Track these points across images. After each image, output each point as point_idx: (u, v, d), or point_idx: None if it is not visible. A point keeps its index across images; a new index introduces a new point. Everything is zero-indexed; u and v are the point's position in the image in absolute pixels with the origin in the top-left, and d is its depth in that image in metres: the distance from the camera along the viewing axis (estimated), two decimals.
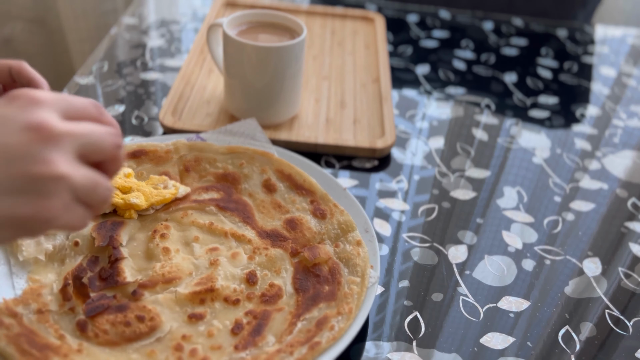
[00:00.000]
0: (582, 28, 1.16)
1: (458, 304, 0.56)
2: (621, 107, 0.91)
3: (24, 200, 0.35)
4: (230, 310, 0.50)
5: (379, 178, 0.70)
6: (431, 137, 0.79)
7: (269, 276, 0.53)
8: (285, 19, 0.74)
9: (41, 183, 0.35)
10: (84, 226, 0.39)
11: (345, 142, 0.72)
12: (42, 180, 0.35)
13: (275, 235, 0.57)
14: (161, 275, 0.51)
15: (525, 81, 0.95)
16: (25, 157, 0.35)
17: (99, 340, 0.46)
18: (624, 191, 0.73)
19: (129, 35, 0.94)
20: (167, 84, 0.83)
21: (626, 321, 0.56)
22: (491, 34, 1.08)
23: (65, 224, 0.37)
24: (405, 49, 1.00)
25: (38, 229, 0.37)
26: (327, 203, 0.60)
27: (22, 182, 0.35)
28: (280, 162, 0.63)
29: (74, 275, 0.50)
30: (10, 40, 1.35)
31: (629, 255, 0.64)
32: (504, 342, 0.53)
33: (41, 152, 0.35)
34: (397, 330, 0.53)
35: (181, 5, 1.07)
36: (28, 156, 0.35)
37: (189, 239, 0.55)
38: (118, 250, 0.52)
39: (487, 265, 0.60)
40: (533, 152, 0.78)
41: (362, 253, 0.55)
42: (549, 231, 0.65)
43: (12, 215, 0.35)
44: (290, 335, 0.48)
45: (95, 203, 0.39)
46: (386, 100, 0.81)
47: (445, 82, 0.92)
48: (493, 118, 0.84)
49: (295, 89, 0.73)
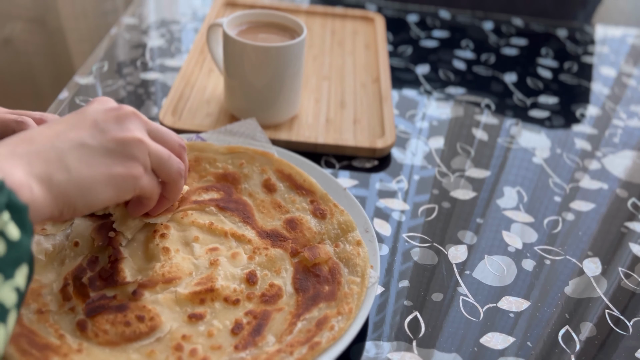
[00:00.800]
0: (582, 28, 1.16)
1: (458, 304, 0.56)
2: (621, 107, 0.91)
3: (117, 160, 0.43)
4: (230, 310, 0.50)
5: (379, 178, 0.70)
6: (431, 137, 0.79)
7: (269, 276, 0.53)
8: (285, 19, 0.74)
9: (126, 145, 0.44)
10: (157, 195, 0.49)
11: (345, 142, 0.72)
12: (126, 142, 0.44)
13: (275, 235, 0.57)
14: (161, 275, 0.51)
15: (525, 81, 0.95)
16: (113, 127, 0.44)
17: (99, 340, 0.46)
18: (624, 191, 0.73)
19: (129, 35, 0.94)
20: (167, 84, 0.83)
21: (626, 321, 0.56)
22: (491, 34, 1.08)
23: (146, 185, 0.47)
24: (405, 49, 1.00)
25: (130, 187, 0.45)
26: (327, 203, 0.60)
27: (114, 145, 0.43)
28: (280, 162, 0.63)
29: (74, 275, 0.50)
30: (10, 40, 1.34)
31: (629, 255, 0.64)
32: (504, 342, 0.53)
33: (122, 123, 0.45)
34: (397, 330, 0.53)
35: (181, 5, 1.07)
36: (115, 126, 0.44)
37: (189, 239, 0.55)
38: (118, 250, 0.52)
39: (487, 265, 0.60)
40: (533, 152, 0.78)
41: (362, 253, 0.55)
42: (549, 231, 0.65)
43: (110, 173, 0.43)
44: (290, 335, 0.48)
45: (169, 174, 0.49)
46: (386, 100, 0.81)
47: (445, 82, 0.92)
48: (493, 118, 0.84)
49: (295, 89, 0.73)
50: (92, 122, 0.44)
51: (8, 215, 0.35)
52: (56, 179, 0.39)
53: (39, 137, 0.41)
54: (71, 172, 0.40)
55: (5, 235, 0.35)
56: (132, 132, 0.45)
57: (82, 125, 0.43)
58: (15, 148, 0.39)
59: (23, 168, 0.38)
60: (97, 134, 0.43)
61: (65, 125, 0.43)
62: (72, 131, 0.42)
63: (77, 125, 0.43)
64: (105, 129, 0.44)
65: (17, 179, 0.37)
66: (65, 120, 0.44)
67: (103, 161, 0.42)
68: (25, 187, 0.37)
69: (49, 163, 0.39)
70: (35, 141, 0.40)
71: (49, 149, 0.40)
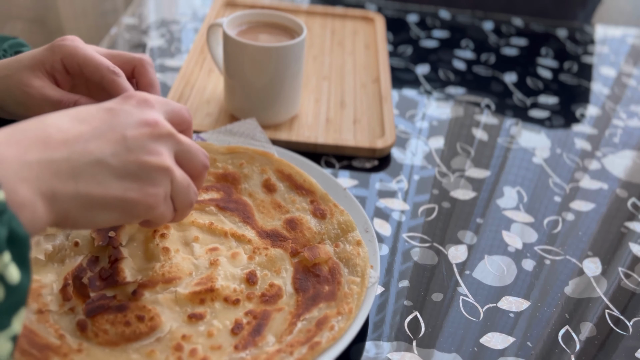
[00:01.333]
0: (582, 28, 1.16)
1: (458, 304, 0.56)
2: (621, 107, 0.91)
3: (135, 185, 0.39)
4: (230, 310, 0.50)
5: (379, 178, 0.70)
6: (431, 137, 0.79)
7: (269, 276, 0.53)
8: (285, 19, 0.74)
9: (151, 171, 0.40)
10: (167, 221, 0.45)
11: (345, 142, 0.72)
12: (152, 168, 0.40)
13: (275, 235, 0.57)
14: (161, 275, 0.51)
15: (525, 81, 0.95)
16: (140, 148, 0.39)
17: (99, 340, 0.46)
18: (624, 191, 0.73)
19: (129, 35, 0.94)
20: (167, 84, 0.83)
21: (626, 321, 0.56)
22: (491, 34, 1.08)
23: (160, 215, 0.42)
24: (405, 49, 1.00)
25: (140, 214, 0.41)
26: (327, 203, 0.60)
27: (136, 168, 0.39)
28: (280, 162, 0.63)
29: (74, 275, 0.50)
30: None
31: (629, 255, 0.64)
32: (504, 342, 0.53)
33: (153, 145, 0.40)
34: (397, 330, 0.53)
35: (181, 5, 1.07)
36: (143, 147, 0.39)
37: (189, 239, 0.55)
38: (118, 250, 0.52)
39: (487, 265, 0.60)
40: (533, 152, 0.78)
41: (362, 253, 0.55)
42: (549, 231, 0.65)
43: (123, 198, 0.39)
44: (290, 335, 0.48)
45: (183, 204, 0.44)
46: (386, 100, 0.81)
47: (445, 82, 0.92)
48: (493, 118, 0.84)
49: (295, 89, 0.73)
50: (121, 137, 0.39)
51: (9, 256, 0.32)
52: (61, 194, 0.36)
53: (56, 138, 0.36)
54: (79, 189, 0.37)
55: (5, 279, 0.31)
56: (160, 158, 0.40)
57: (109, 136, 0.38)
58: (27, 151, 0.35)
59: (30, 185, 0.34)
60: (121, 151, 0.38)
61: (91, 128, 0.38)
62: (96, 141, 0.38)
63: (104, 135, 0.38)
64: (132, 148, 0.39)
65: (21, 199, 0.33)
66: (94, 118, 0.39)
67: (119, 184, 0.38)
68: (28, 208, 0.34)
69: (58, 176, 0.36)
70: (51, 145, 0.36)
71: (63, 160, 0.36)
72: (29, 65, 0.52)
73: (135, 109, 0.41)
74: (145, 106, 0.42)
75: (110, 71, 0.51)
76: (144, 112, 0.41)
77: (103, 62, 0.52)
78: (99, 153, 0.37)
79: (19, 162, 0.34)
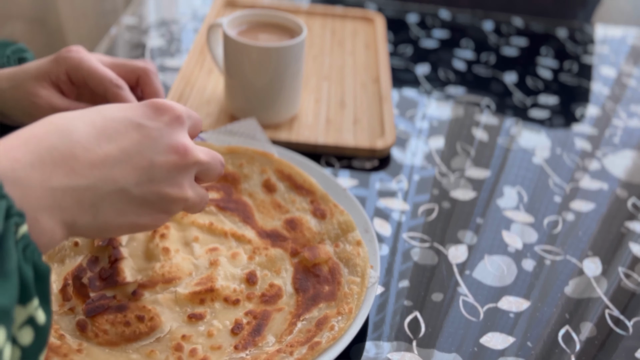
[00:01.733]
0: (582, 28, 1.16)
1: (458, 304, 0.56)
2: (621, 107, 0.91)
3: (149, 211, 0.39)
4: (230, 310, 0.50)
5: (379, 178, 0.70)
6: (431, 137, 0.79)
7: (269, 276, 0.53)
8: (285, 19, 0.74)
9: (169, 202, 0.40)
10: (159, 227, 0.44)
11: (345, 142, 0.72)
12: (171, 200, 0.40)
13: (275, 235, 0.57)
14: (161, 275, 0.51)
15: (525, 81, 0.95)
16: (164, 179, 0.39)
17: (99, 340, 0.46)
18: (624, 191, 0.73)
19: (129, 35, 0.94)
20: (167, 84, 0.83)
21: (626, 321, 0.56)
22: (491, 34, 1.08)
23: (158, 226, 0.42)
24: (405, 49, 1.00)
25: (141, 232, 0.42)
26: (327, 203, 0.60)
27: (156, 198, 0.39)
28: (280, 162, 0.63)
29: (74, 275, 0.50)
30: None
31: (629, 255, 0.64)
32: (504, 342, 0.53)
33: (178, 176, 0.40)
34: (397, 330, 0.53)
35: (181, 5, 1.07)
36: (167, 178, 0.39)
37: (189, 239, 0.55)
38: (118, 250, 0.52)
39: (487, 265, 0.60)
40: (533, 152, 0.78)
41: (362, 253, 0.55)
42: (549, 231, 0.65)
43: (136, 223, 0.39)
44: (290, 335, 0.48)
45: (192, 212, 0.45)
46: (386, 100, 0.81)
47: (445, 82, 0.92)
48: (493, 118, 0.84)
49: (295, 89, 0.73)
50: (148, 164, 0.38)
51: (37, 301, 0.31)
52: (80, 222, 0.36)
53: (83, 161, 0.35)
54: (98, 218, 0.37)
55: (35, 322, 0.31)
56: (182, 191, 0.40)
57: (135, 161, 0.37)
58: (52, 176, 0.33)
59: (52, 214, 0.34)
60: (145, 182, 0.38)
61: (118, 150, 0.37)
62: (122, 167, 0.36)
63: (131, 159, 0.37)
64: (156, 178, 0.38)
65: (42, 226, 0.33)
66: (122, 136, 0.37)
67: (135, 210, 0.38)
68: (47, 234, 0.34)
69: (80, 205, 0.35)
70: (76, 169, 0.35)
71: (87, 188, 0.35)
72: (35, 75, 0.53)
73: (166, 129, 0.39)
74: (177, 125, 0.40)
75: (113, 84, 0.53)
76: (174, 135, 0.39)
77: (106, 75, 0.53)
78: (123, 182, 0.37)
79: (43, 188, 0.33)
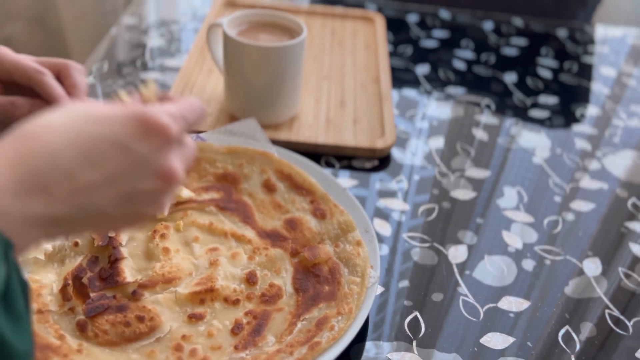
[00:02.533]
0: (582, 28, 1.16)
1: (458, 304, 0.56)
2: (621, 107, 0.91)
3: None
4: (230, 310, 0.50)
5: (379, 178, 0.70)
6: (431, 137, 0.79)
7: (269, 276, 0.53)
8: (285, 19, 0.74)
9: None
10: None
11: (345, 142, 0.72)
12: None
13: (275, 235, 0.57)
14: (161, 275, 0.51)
15: (525, 81, 0.95)
16: (145, 201, 0.38)
17: (99, 341, 0.46)
18: (624, 191, 0.73)
19: (129, 35, 0.94)
20: (167, 84, 0.83)
21: (626, 321, 0.56)
22: (491, 34, 1.08)
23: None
24: (405, 49, 1.00)
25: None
26: (327, 203, 0.60)
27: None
28: (280, 162, 0.63)
29: (74, 276, 0.50)
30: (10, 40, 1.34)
31: (629, 255, 0.64)
32: (504, 342, 0.53)
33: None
34: (397, 330, 0.53)
35: (181, 5, 1.07)
36: (147, 201, 0.38)
37: (189, 239, 0.55)
38: (118, 250, 0.52)
39: (487, 265, 0.60)
40: (533, 152, 0.78)
41: (362, 253, 0.55)
42: (549, 231, 0.65)
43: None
44: (290, 335, 0.48)
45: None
46: (386, 100, 0.81)
47: (445, 82, 0.92)
48: (493, 118, 0.84)
49: (295, 89, 0.73)
50: (130, 190, 0.37)
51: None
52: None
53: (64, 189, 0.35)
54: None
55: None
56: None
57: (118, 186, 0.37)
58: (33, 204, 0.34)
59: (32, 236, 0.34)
60: (124, 203, 0.37)
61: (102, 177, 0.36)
62: (103, 191, 0.36)
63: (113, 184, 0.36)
64: (136, 200, 0.38)
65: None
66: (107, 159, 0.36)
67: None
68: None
69: (60, 226, 0.36)
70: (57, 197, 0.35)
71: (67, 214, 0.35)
72: None
73: (153, 154, 0.37)
74: (166, 148, 0.38)
75: (36, 71, 0.52)
76: (161, 159, 0.38)
77: (29, 64, 0.52)
78: (103, 206, 0.36)
79: (22, 215, 0.34)
